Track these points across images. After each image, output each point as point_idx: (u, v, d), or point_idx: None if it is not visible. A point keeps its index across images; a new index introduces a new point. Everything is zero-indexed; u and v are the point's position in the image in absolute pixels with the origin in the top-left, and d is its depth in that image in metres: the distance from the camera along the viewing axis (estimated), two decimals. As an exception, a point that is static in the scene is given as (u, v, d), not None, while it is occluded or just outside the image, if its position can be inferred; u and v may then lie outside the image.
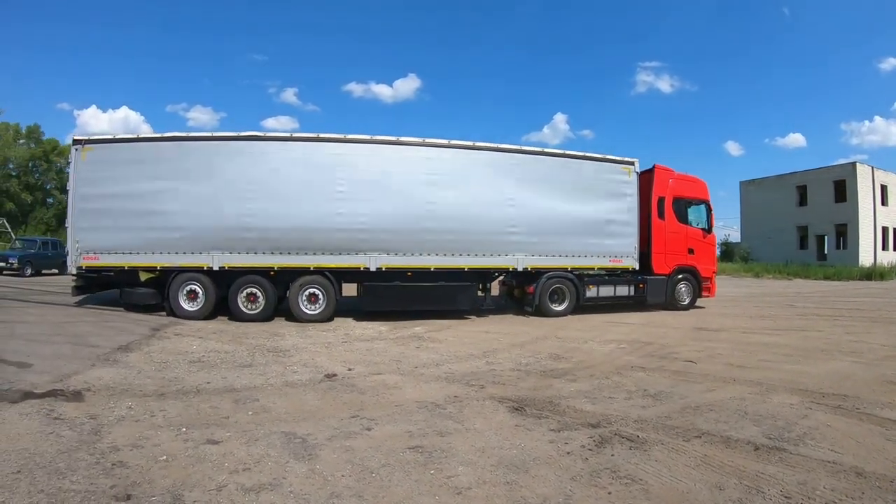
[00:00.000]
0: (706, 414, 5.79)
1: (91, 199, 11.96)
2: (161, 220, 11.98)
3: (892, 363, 8.74)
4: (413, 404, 5.93)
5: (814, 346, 10.21)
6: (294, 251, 12.28)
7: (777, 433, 5.16)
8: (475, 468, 4.20)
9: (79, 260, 11.96)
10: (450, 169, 13.21)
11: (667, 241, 15.44)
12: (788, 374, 7.76)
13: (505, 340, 10.36)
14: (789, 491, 3.89)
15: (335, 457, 4.34)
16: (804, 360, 8.92)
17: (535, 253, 13.80)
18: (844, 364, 8.62)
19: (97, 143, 12.22)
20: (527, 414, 5.68)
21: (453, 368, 7.86)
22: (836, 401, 6.35)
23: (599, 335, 11.19)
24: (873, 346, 10.41)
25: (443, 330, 11.52)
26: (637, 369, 8.03)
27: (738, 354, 9.30)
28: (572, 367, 8.10)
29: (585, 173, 14.39)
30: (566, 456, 4.50)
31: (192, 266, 12.06)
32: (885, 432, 5.26)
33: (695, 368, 8.15)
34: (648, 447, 4.74)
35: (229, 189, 12.18)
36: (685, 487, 3.95)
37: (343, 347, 9.38)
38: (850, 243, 48.09)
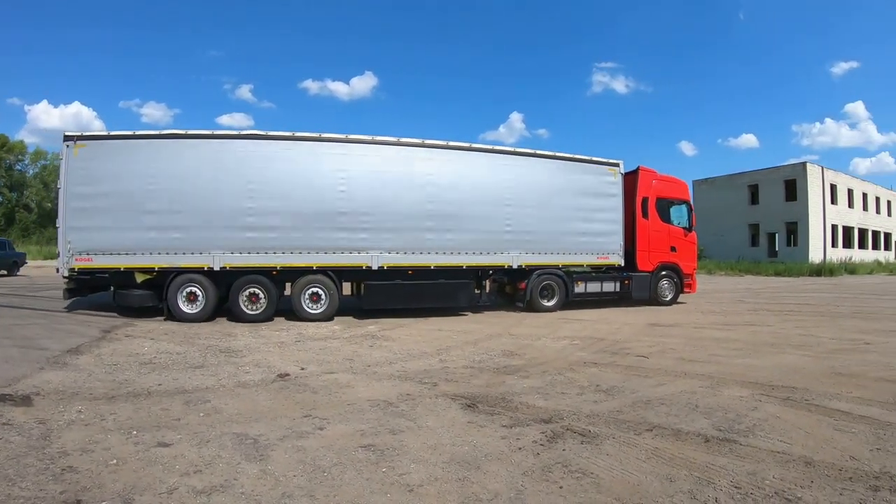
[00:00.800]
0: (657, 408, 5.91)
1: (84, 198, 11.73)
2: (159, 219, 11.93)
3: (840, 356, 9.05)
4: (365, 403, 5.93)
5: (764, 341, 10.54)
6: (296, 251, 12.49)
7: (727, 425, 5.29)
8: (427, 465, 4.21)
9: (71, 261, 11.70)
10: (449, 170, 13.78)
11: (650, 239, 16.48)
12: (739, 368, 8.00)
13: (458, 338, 10.44)
14: (739, 481, 3.99)
15: (287, 457, 4.32)
16: (754, 353, 9.20)
17: (529, 251, 14.60)
18: (793, 357, 8.91)
19: (90, 139, 12.00)
20: (479, 411, 5.72)
21: (406, 366, 7.89)
22: (785, 393, 6.56)
23: (553, 332, 11.37)
24: (822, 339, 10.81)
25: (396, 328, 11.56)
26: (590, 365, 8.16)
27: (690, 349, 9.55)
28: (525, 364, 8.20)
29: (575, 174, 15.30)
30: (518, 451, 4.54)
31: (192, 266, 12.05)
32: (833, 422, 5.44)
33: (647, 363, 8.33)
34: (600, 441, 4.81)
35: (231, 188, 12.26)
36: (636, 480, 4.02)
37: (296, 347, 9.35)
38: (801, 241, 50.05)
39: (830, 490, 3.89)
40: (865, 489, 3.91)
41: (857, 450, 4.69)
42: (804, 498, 3.75)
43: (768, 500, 3.72)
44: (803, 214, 49.73)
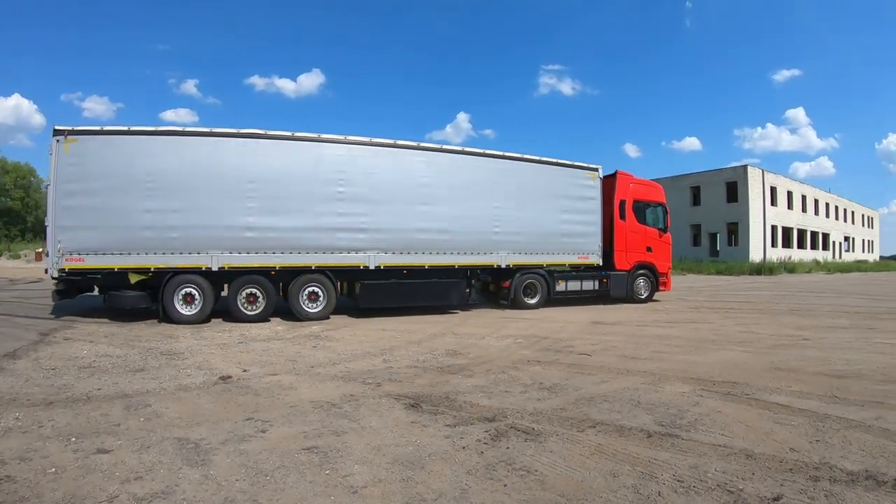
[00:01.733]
0: (600, 404, 5.99)
1: (75, 195, 11.36)
2: (155, 218, 11.76)
3: (779, 351, 9.38)
4: (308, 404, 5.87)
5: (705, 337, 10.85)
6: (295, 250, 12.68)
7: (669, 420, 5.41)
8: (371, 466, 4.19)
9: (61, 262, 11.32)
10: (442, 172, 14.33)
11: (627, 239, 17.50)
12: (680, 364, 8.20)
13: (402, 338, 10.43)
14: (681, 475, 4.07)
15: (229, 461, 4.25)
16: (696, 350, 9.45)
17: (516, 251, 15.40)
18: (734, 353, 9.18)
19: (81, 134, 11.56)
20: (423, 410, 5.71)
21: (350, 367, 7.84)
22: (726, 388, 6.74)
23: (496, 331, 11.45)
24: (762, 335, 11.17)
25: (340, 328, 11.51)
26: (533, 363, 8.24)
27: (632, 346, 9.74)
28: (469, 363, 8.22)
29: (558, 178, 16.29)
30: (462, 450, 4.55)
31: (190, 267, 11.96)
32: (773, 416, 5.61)
33: (590, 361, 8.45)
34: (544, 439, 4.85)
35: (229, 188, 12.24)
36: (580, 476, 4.06)
37: (238, 348, 9.21)
38: (741, 240, 51.83)
39: (771, 481, 4.00)
40: (805, 480, 4.03)
41: (796, 442, 4.84)
42: (746, 490, 3.85)
43: (710, 493, 3.80)
44: (744, 215, 51.53)
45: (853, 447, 4.74)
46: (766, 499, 3.72)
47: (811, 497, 3.76)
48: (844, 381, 7.22)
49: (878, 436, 5.05)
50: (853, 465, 4.31)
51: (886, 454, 4.58)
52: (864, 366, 8.27)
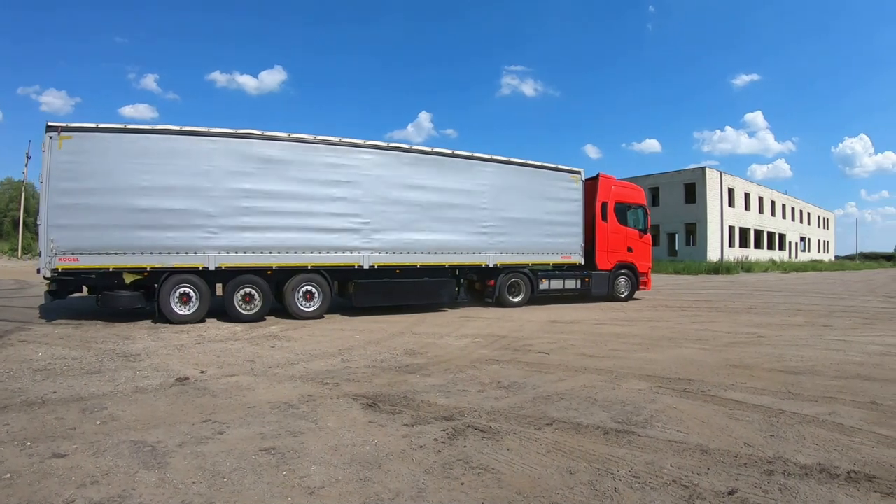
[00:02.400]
0: (557, 402, 6.03)
1: (69, 194, 11.22)
2: (152, 218, 11.74)
3: (735, 349, 9.57)
4: (266, 405, 5.82)
5: (662, 335, 11.02)
6: (291, 250, 12.93)
7: (626, 417, 5.47)
8: (328, 467, 4.16)
9: (54, 262, 11.16)
10: (435, 175, 14.83)
11: (609, 240, 18.20)
12: (637, 362, 8.31)
13: (361, 337, 10.40)
14: (637, 471, 4.11)
15: (186, 463, 4.19)
16: (652, 348, 9.59)
17: (503, 251, 15.99)
18: (690, 351, 9.35)
19: (76, 130, 11.38)
20: (381, 410, 5.70)
21: (308, 367, 7.80)
22: (682, 385, 6.85)
23: (455, 330, 11.49)
24: (718, 333, 11.40)
25: (298, 328, 11.44)
26: (491, 362, 8.26)
27: (590, 345, 9.85)
28: (427, 363, 8.23)
29: (542, 180, 16.95)
30: (419, 449, 4.54)
31: (186, 266, 12.02)
32: (728, 412, 5.71)
33: (548, 359, 8.50)
34: (501, 437, 4.86)
35: (225, 188, 12.34)
36: (537, 474, 4.08)
37: (196, 349, 9.09)
38: (699, 240, 52.89)
39: (726, 476, 4.06)
40: (760, 473, 4.11)
41: (751, 437, 4.93)
42: (701, 484, 3.90)
43: (666, 489, 3.84)
44: (702, 216, 52.61)
45: (807, 441, 4.84)
46: (720, 493, 3.77)
47: (765, 491, 3.82)
48: (799, 378, 7.40)
49: (832, 430, 5.18)
50: (807, 459, 4.40)
51: (839, 448, 4.69)
52: (818, 362, 8.49)
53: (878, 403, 6.17)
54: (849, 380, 7.36)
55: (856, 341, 10.65)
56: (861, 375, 7.64)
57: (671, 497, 3.72)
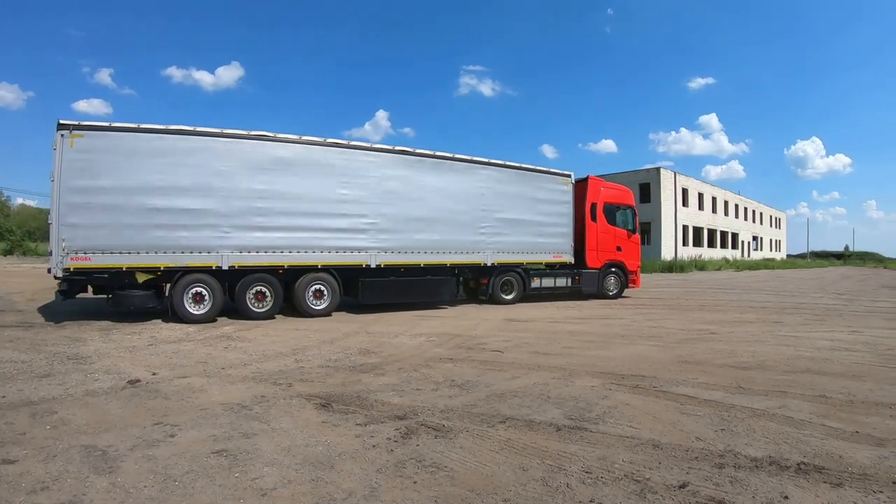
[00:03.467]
0: (510, 400, 6.06)
1: (81, 193, 11.27)
2: (166, 217, 11.93)
3: (687, 345, 9.76)
4: (219, 407, 5.75)
5: (615, 333, 11.18)
6: (302, 249, 13.37)
7: (578, 414, 5.52)
8: (280, 468, 4.13)
9: (65, 261, 11.19)
10: (435, 176, 15.50)
11: (598, 240, 19.08)
12: (590, 359, 8.41)
13: (315, 337, 10.34)
14: (590, 466, 4.15)
15: (137, 467, 4.11)
16: (606, 345, 9.72)
17: (499, 251, 16.80)
18: (643, 348, 9.50)
19: (88, 129, 11.42)
20: (334, 410, 5.67)
21: (261, 368, 7.72)
22: (634, 381, 6.95)
23: (410, 329, 11.49)
24: (670, 330, 11.62)
25: (252, 328, 11.32)
26: (445, 361, 8.28)
27: (544, 342, 9.93)
28: (381, 362, 8.21)
29: (535, 183, 17.78)
30: (372, 449, 4.53)
31: (200, 266, 12.27)
32: (679, 407, 5.81)
33: (502, 357, 8.55)
34: (454, 435, 4.86)
35: (239, 188, 12.66)
36: (490, 471, 4.09)
37: (148, 351, 8.92)
38: (654, 240, 53.75)
39: (678, 470, 4.12)
40: (711, 467, 4.18)
41: (702, 431, 5.01)
42: (652, 478, 3.95)
43: (618, 483, 3.88)
44: (656, 215, 53.47)
45: (757, 435, 4.95)
46: (672, 487, 3.82)
47: (716, 483, 3.89)
48: (749, 373, 7.57)
49: (782, 423, 5.30)
50: (757, 452, 4.49)
51: (789, 440, 4.80)
52: (769, 358, 8.69)
53: (827, 397, 6.35)
54: (799, 374, 7.55)
55: (806, 337, 10.94)
56: (811, 370, 7.85)
57: (623, 491, 3.76)
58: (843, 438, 4.93)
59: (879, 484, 3.97)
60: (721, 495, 3.71)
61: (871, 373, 7.78)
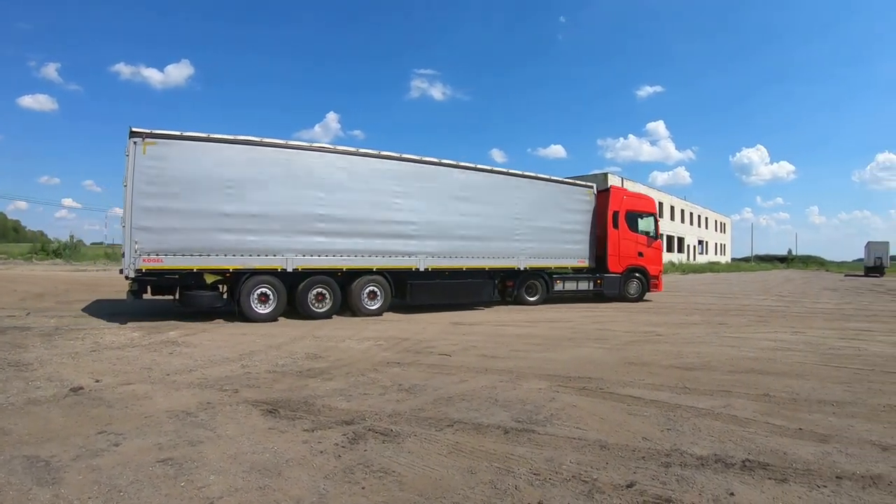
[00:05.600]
0: (458, 403, 6.10)
1: (153, 197, 12.08)
2: (235, 222, 12.92)
3: (633, 347, 9.96)
4: (164, 414, 5.65)
5: (562, 336, 11.34)
6: (358, 254, 14.58)
7: (526, 416, 5.58)
8: (227, 476, 4.09)
9: (138, 262, 11.98)
10: (475, 187, 16.87)
11: (620, 246, 20.26)
12: (538, 362, 8.52)
13: (262, 342, 10.23)
14: (538, 468, 4.21)
15: (81, 478, 4.02)
16: (553, 348, 9.85)
17: (531, 256, 18.20)
18: (590, 350, 9.67)
19: (160, 137, 12.24)
20: (281, 416, 5.63)
21: (207, 373, 7.61)
22: (581, 383, 7.07)
23: (357, 333, 11.43)
24: (617, 333, 11.83)
25: (198, 333, 11.15)
26: (393, 365, 8.29)
27: (492, 346, 10.02)
28: (329, 366, 8.17)
29: (563, 194, 19.47)
30: (319, 455, 4.51)
31: (266, 268, 13.32)
32: (626, 408, 5.93)
33: (450, 361, 8.59)
34: (402, 440, 4.88)
35: (302, 196, 13.78)
36: (438, 475, 4.11)
37: (91, 357, 8.68)
38: (601, 242, 54.52)
39: (625, 469, 4.21)
40: (658, 466, 4.28)
41: (648, 431, 5.13)
42: (600, 479, 4.02)
43: (566, 484, 3.94)
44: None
45: (702, 433, 5.09)
46: (619, 486, 3.90)
47: (663, 482, 3.98)
48: (695, 373, 7.77)
49: (727, 422, 5.46)
50: (703, 451, 4.62)
51: (734, 438, 4.95)
52: (714, 358, 8.94)
53: (770, 395, 6.57)
54: (743, 374, 7.79)
55: (750, 338, 11.27)
56: (755, 370, 8.10)
57: (571, 492, 3.82)
58: (787, 435, 5.10)
59: (823, 479, 4.13)
60: (668, 493, 3.80)
61: (814, 372, 8.08)
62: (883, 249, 63.52)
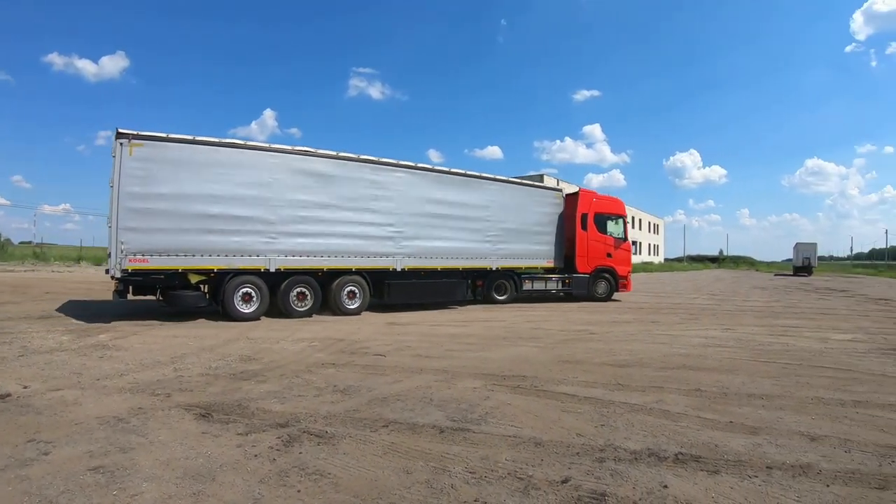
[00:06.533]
0: (393, 404, 6.10)
1: (140, 199, 12.23)
2: (220, 223, 13.19)
3: (567, 345, 10.14)
4: (94, 421, 5.48)
5: (496, 335, 11.45)
6: (339, 254, 15.06)
7: (461, 415, 5.62)
8: (160, 483, 4.00)
9: (124, 262, 12.12)
10: (451, 190, 17.56)
11: (588, 247, 21.02)
12: (472, 361, 8.59)
13: (194, 344, 10.03)
14: (473, 467, 4.24)
15: (10, 489, 3.87)
16: (487, 347, 9.95)
17: (503, 256, 18.99)
18: (524, 349, 9.79)
19: (147, 139, 12.39)
20: (214, 420, 5.54)
21: (138, 378, 7.41)
22: (515, 381, 7.15)
23: (291, 334, 11.32)
24: (550, 331, 12.02)
25: (129, 336, 10.82)
26: (328, 366, 8.23)
27: (427, 346, 10.05)
28: (262, 368, 8.07)
29: (533, 197, 20.43)
30: (254, 459, 4.46)
31: (249, 268, 13.66)
32: (560, 405, 6.03)
33: (384, 361, 8.58)
34: (337, 441, 4.85)
35: (284, 198, 14.16)
36: (374, 476, 4.10)
37: (19, 362, 8.34)
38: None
39: (560, 465, 4.28)
40: (592, 461, 4.37)
41: (582, 427, 5.23)
42: (535, 475, 4.07)
43: (502, 482, 3.98)
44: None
45: (636, 428, 5.21)
46: (555, 482, 3.96)
47: (597, 477, 4.06)
48: (628, 370, 7.96)
49: (659, 417, 5.61)
50: (636, 445, 4.74)
51: (667, 433, 5.09)
52: (646, 355, 9.18)
53: (701, 390, 6.79)
54: (675, 370, 8.01)
55: (681, 335, 11.60)
56: (686, 366, 8.36)
57: (507, 489, 3.86)
58: (718, 428, 5.27)
59: (754, 469, 4.29)
60: (603, 488, 3.87)
61: (743, 367, 8.38)
62: (811, 250, 66.31)
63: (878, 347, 10.63)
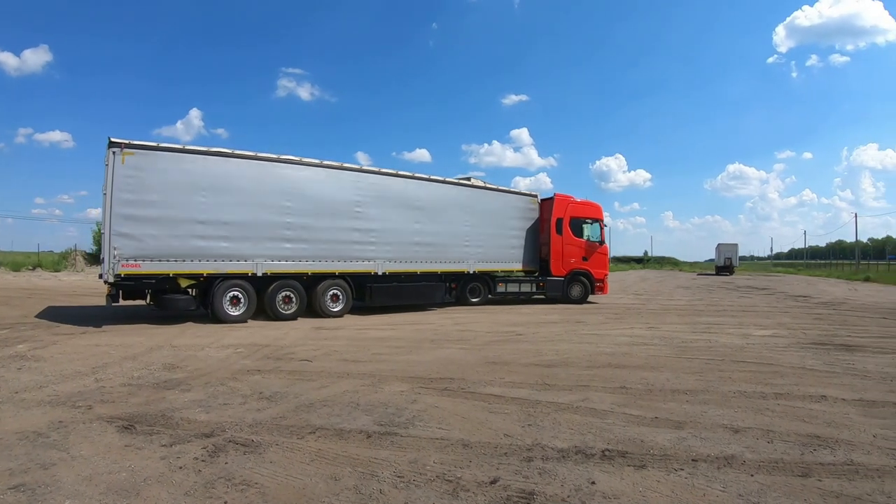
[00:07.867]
0: (320, 410, 6.07)
1: (132, 205, 12.75)
2: (209, 229, 13.76)
3: (493, 347, 10.26)
4: (13, 436, 5.26)
5: (424, 338, 11.51)
6: (322, 259, 15.70)
7: (388, 419, 5.64)
8: (83, 499, 3.88)
9: (117, 267, 12.57)
10: (429, 196, 18.36)
11: (563, 251, 21.49)
12: (399, 365, 8.62)
13: (116, 353, 9.74)
14: (402, 470, 4.26)
15: None
16: (415, 350, 10.00)
17: (479, 260, 19.85)
18: (451, 351, 9.87)
19: (139, 148, 12.90)
20: (137, 432, 5.40)
21: (58, 389, 7.15)
22: (443, 384, 7.22)
23: (216, 341, 11.13)
24: (478, 333, 12.16)
25: (49, 346, 10.45)
26: (253, 372, 8.14)
27: (353, 350, 10.03)
28: (187, 377, 7.92)
29: (508, 202, 21.26)
30: (179, 471, 4.37)
31: (238, 273, 14.25)
32: (487, 406, 6.10)
33: (310, 367, 8.52)
34: (263, 450, 4.81)
35: (270, 205, 14.78)
36: (301, 484, 4.08)
37: None
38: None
39: (488, 466, 4.34)
40: (520, 461, 4.44)
41: (510, 428, 5.30)
42: (464, 477, 4.12)
43: (430, 485, 4.01)
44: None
45: (563, 427, 5.32)
46: (483, 483, 4.01)
47: (525, 476, 4.14)
48: (554, 370, 8.11)
49: (585, 415, 5.73)
50: (563, 443, 4.84)
51: (593, 430, 5.22)
52: (572, 355, 9.36)
53: (627, 388, 6.98)
54: (600, 369, 8.21)
55: (607, 334, 11.87)
56: (612, 364, 8.57)
57: (436, 492, 3.89)
58: (644, 424, 5.43)
59: (680, 462, 4.45)
60: (531, 486, 3.95)
61: (668, 364, 8.65)
62: (732, 250, 68.68)
63: (797, 342, 11.12)
